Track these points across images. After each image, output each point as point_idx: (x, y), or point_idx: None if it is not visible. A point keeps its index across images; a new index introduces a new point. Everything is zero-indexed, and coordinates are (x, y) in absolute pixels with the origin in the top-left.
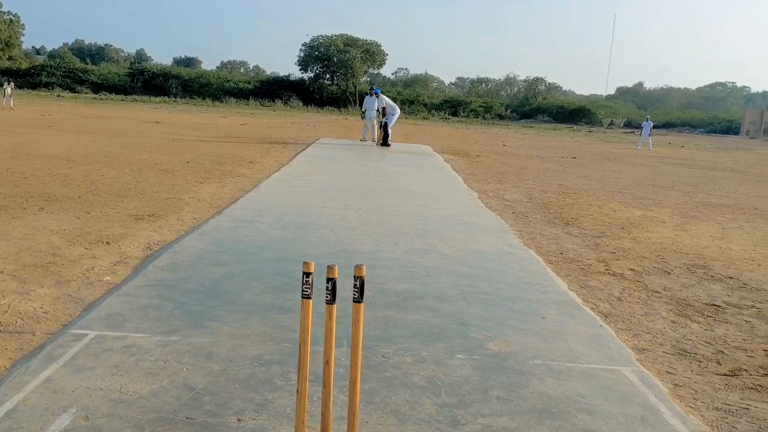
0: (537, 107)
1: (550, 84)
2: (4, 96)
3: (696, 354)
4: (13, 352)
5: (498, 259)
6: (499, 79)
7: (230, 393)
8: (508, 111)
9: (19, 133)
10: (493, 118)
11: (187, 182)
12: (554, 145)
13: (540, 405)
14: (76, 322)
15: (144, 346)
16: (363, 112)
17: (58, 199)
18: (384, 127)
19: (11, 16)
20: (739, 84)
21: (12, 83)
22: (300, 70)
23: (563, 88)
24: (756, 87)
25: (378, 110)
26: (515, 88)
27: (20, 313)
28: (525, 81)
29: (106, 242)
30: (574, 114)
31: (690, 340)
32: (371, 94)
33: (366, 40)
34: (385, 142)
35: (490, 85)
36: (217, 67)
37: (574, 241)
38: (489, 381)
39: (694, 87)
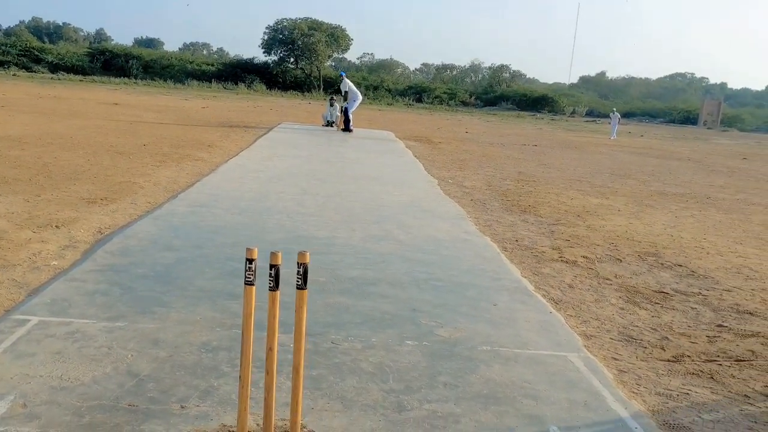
0: (501, 95)
1: (514, 72)
2: None
3: (641, 340)
4: None
5: (453, 246)
6: (464, 66)
7: (175, 380)
8: (473, 98)
9: None
10: (457, 104)
11: (143, 165)
12: (517, 133)
13: (486, 391)
14: (20, 307)
15: (89, 332)
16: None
17: (7, 181)
18: (345, 112)
19: None
20: (698, 75)
21: None
22: (264, 53)
23: (527, 76)
24: (714, 78)
25: (341, 94)
26: (480, 76)
27: None
28: (490, 68)
29: (56, 226)
30: (537, 102)
31: (637, 326)
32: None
33: (330, 24)
34: (346, 127)
35: (455, 72)
36: (179, 48)
37: (529, 229)
38: (437, 367)
39: (654, 77)
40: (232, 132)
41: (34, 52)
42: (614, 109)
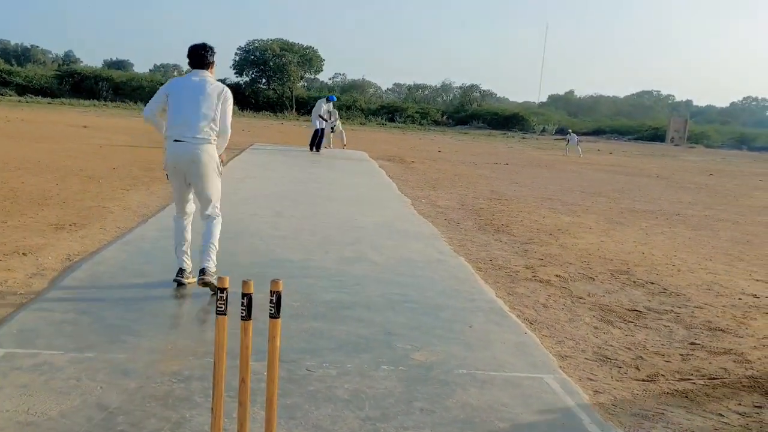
0: (472, 113)
1: (484, 91)
2: None
3: (616, 360)
4: None
5: (428, 266)
6: (436, 86)
7: (145, 411)
8: (444, 117)
9: None
10: (429, 124)
11: (113, 189)
12: (488, 152)
13: (463, 415)
14: None
15: (56, 364)
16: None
17: None
18: (322, 133)
19: None
20: (664, 93)
21: None
22: (235, 74)
23: (497, 95)
24: (680, 95)
25: (328, 115)
26: (451, 95)
27: None
28: (461, 88)
29: (23, 253)
30: (508, 121)
31: (611, 345)
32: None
33: (302, 45)
34: (318, 146)
35: (426, 92)
36: (149, 70)
37: (503, 248)
38: (413, 392)
39: (622, 95)
40: None
41: (2, 74)
42: (569, 129)
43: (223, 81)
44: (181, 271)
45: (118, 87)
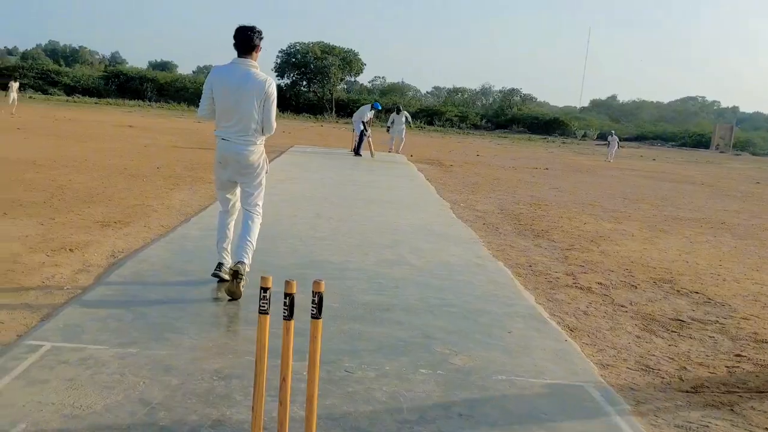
0: (512, 118)
1: (525, 95)
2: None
3: (659, 370)
4: None
5: (467, 270)
6: (475, 90)
7: (187, 408)
8: (484, 121)
9: None
10: (468, 127)
11: (156, 188)
12: (528, 156)
13: (502, 422)
14: (32, 332)
15: (101, 359)
16: (388, 128)
17: (22, 204)
18: (362, 135)
19: None
20: (709, 99)
21: (17, 82)
22: (277, 76)
23: (538, 99)
24: (726, 102)
25: (367, 122)
26: (490, 99)
27: None
28: (500, 92)
29: (69, 249)
30: (548, 125)
31: (654, 355)
32: (398, 111)
33: (343, 48)
34: (358, 151)
35: (465, 95)
36: (193, 71)
37: (543, 254)
38: (451, 397)
39: (666, 101)
40: None
41: (51, 74)
42: (612, 131)
43: None
44: (219, 266)
45: (162, 88)
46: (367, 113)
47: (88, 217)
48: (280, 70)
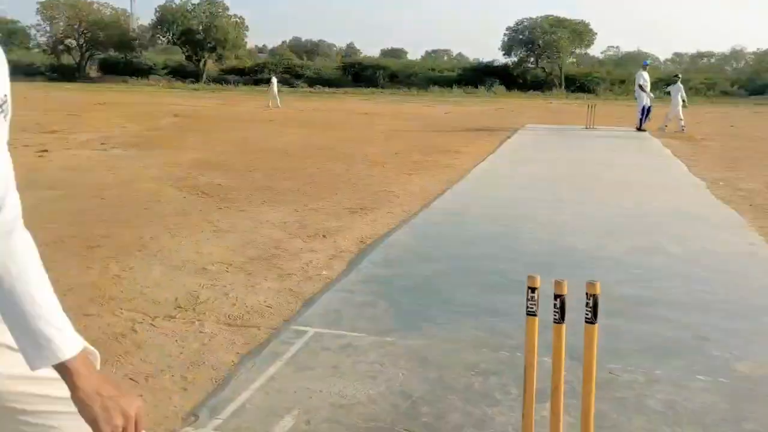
0: None
1: None
2: (270, 92)
3: None
4: (240, 346)
5: (736, 260)
6: (724, 53)
7: (447, 404)
8: (735, 87)
9: (245, 128)
10: (717, 95)
11: (396, 174)
12: None
13: None
14: (297, 318)
15: (360, 347)
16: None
17: (280, 192)
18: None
19: (237, 19)
20: None
21: (275, 78)
22: (503, 55)
23: None
24: None
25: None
26: (742, 62)
27: (247, 307)
28: (755, 54)
29: (323, 235)
30: None
31: None
32: (674, 82)
33: (574, 20)
34: (641, 125)
35: (712, 60)
36: (422, 57)
37: None
38: (740, 410)
39: None
40: (476, 137)
41: (295, 68)
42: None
43: (491, 63)
44: None
45: (394, 75)
46: (643, 76)
47: (336, 203)
48: (507, 49)
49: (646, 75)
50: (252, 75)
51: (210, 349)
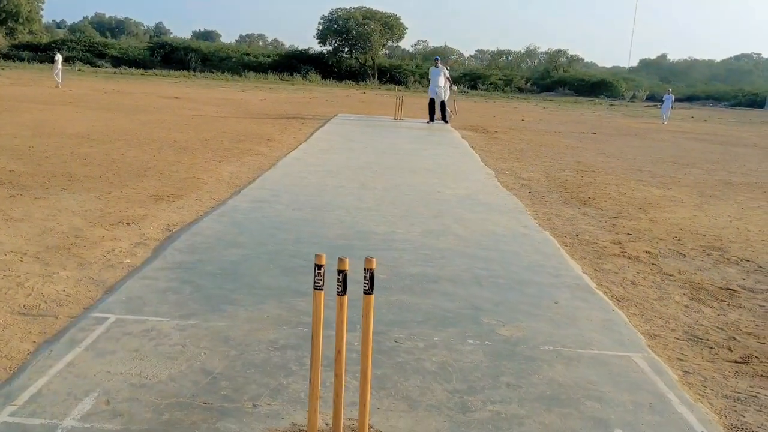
0: (558, 80)
1: (571, 56)
2: (54, 70)
3: (707, 340)
4: (36, 335)
5: (513, 241)
6: (520, 52)
7: (246, 378)
8: (529, 84)
9: (40, 110)
10: (512, 91)
11: (205, 161)
12: (575, 120)
13: (549, 392)
14: (98, 305)
15: (163, 330)
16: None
17: (79, 179)
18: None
19: None
20: (765, 55)
21: (60, 55)
22: (319, 43)
23: (585, 60)
24: None
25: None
26: (536, 61)
27: (43, 296)
28: (546, 53)
29: (127, 223)
30: (595, 87)
31: (702, 325)
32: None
33: (385, 13)
34: (432, 117)
35: (510, 58)
36: (236, 40)
37: (590, 222)
38: (499, 367)
39: (718, 59)
40: (289, 125)
41: (98, 47)
42: (669, 89)
43: (306, 51)
44: None
45: (206, 58)
46: (437, 75)
47: (142, 191)
48: (322, 37)
49: (439, 69)
50: (49, 52)
51: (2, 340)
